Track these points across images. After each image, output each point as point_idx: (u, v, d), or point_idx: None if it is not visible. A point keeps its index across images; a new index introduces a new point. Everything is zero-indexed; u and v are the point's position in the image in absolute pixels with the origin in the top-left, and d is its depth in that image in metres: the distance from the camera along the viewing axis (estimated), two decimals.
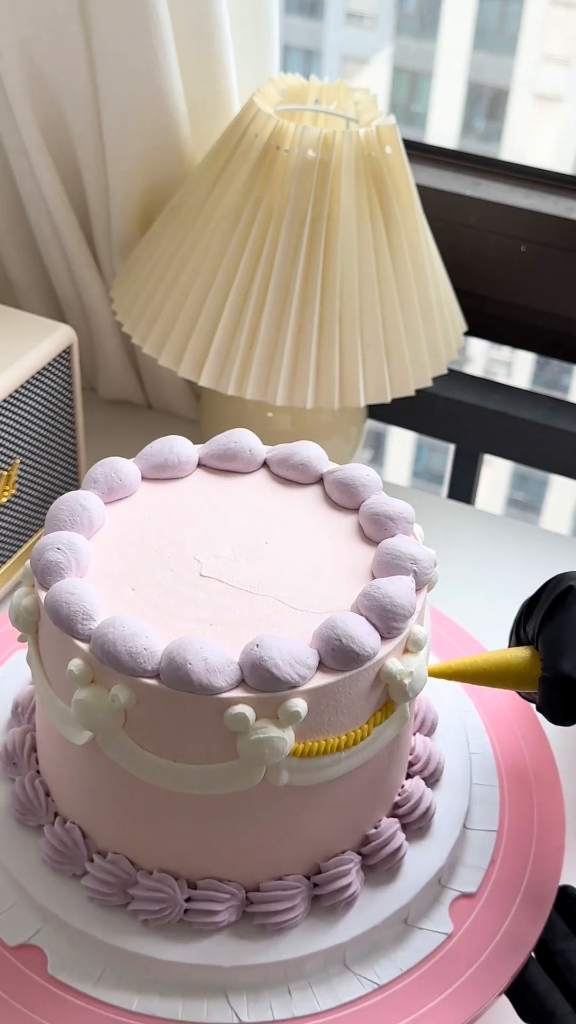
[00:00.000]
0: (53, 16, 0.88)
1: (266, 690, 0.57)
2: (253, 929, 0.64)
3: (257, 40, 0.96)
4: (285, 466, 0.70)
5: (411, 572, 0.62)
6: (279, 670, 0.57)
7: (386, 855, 0.66)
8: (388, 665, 0.60)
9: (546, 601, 0.64)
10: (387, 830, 0.66)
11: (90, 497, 0.66)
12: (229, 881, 0.63)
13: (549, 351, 1.11)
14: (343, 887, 0.64)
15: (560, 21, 2.82)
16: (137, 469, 0.69)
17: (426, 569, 0.63)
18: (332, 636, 0.58)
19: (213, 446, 0.71)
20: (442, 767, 0.71)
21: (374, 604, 0.60)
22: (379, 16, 3.12)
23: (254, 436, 0.72)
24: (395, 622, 0.60)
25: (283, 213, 0.85)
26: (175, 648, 0.57)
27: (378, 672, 0.60)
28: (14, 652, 0.78)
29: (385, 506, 0.67)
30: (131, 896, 0.64)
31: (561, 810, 0.72)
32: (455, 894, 0.67)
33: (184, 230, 0.90)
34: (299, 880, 0.64)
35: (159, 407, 1.14)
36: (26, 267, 1.07)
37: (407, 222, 0.88)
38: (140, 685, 0.57)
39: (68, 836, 0.65)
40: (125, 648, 0.57)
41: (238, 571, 0.64)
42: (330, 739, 0.60)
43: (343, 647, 0.58)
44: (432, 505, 1.07)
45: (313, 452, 0.71)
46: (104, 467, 0.68)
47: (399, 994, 0.63)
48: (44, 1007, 0.62)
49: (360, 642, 0.59)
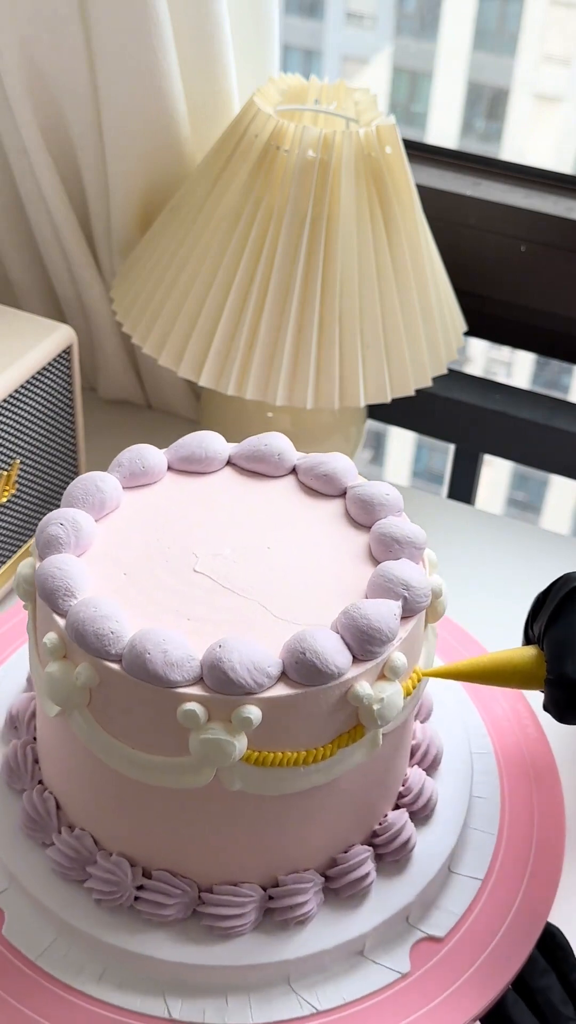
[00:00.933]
0: (53, 16, 0.88)
1: (221, 691, 0.57)
2: (275, 926, 0.64)
3: (257, 40, 0.96)
4: (311, 475, 0.70)
5: (400, 597, 0.61)
6: (235, 673, 0.56)
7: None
8: (357, 688, 0.59)
9: (552, 602, 0.64)
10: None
11: (108, 479, 0.67)
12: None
13: (549, 351, 1.11)
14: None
15: (560, 21, 2.82)
16: (164, 459, 0.70)
17: (418, 596, 0.62)
18: (298, 649, 0.58)
19: (245, 446, 0.71)
20: (441, 754, 0.72)
21: (351, 624, 0.59)
22: (379, 16, 3.12)
23: (287, 441, 0.71)
24: (371, 645, 0.59)
25: (283, 213, 0.85)
26: (138, 636, 0.58)
27: (345, 693, 0.59)
28: (12, 654, 0.78)
29: (394, 528, 0.65)
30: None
31: (561, 810, 0.72)
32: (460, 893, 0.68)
33: (184, 230, 0.90)
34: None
35: (159, 407, 1.14)
36: (26, 267, 1.07)
37: (407, 222, 0.88)
38: (103, 667, 0.58)
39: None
40: (93, 629, 0.58)
41: (231, 572, 0.64)
42: (287, 753, 0.59)
43: (306, 661, 0.57)
44: (432, 505, 1.07)
45: (341, 464, 0.70)
46: (131, 453, 0.69)
47: (401, 992, 0.63)
48: (43, 1005, 0.62)
49: (325, 659, 0.57)
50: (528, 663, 0.64)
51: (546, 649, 0.63)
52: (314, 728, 0.59)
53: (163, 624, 0.60)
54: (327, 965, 0.64)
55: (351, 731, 0.60)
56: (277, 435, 0.72)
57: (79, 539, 0.64)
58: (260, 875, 0.64)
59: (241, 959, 0.63)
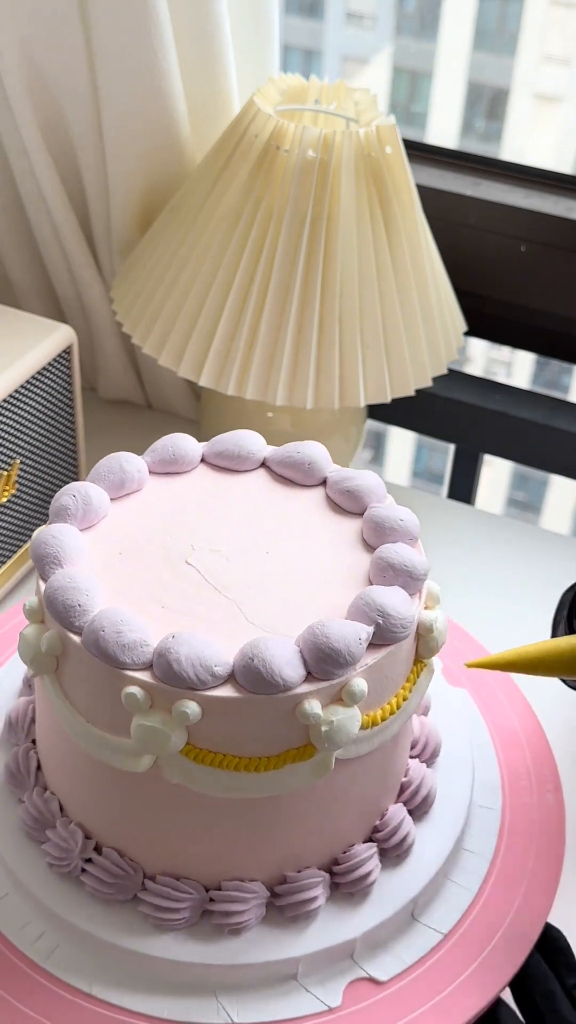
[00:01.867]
0: (53, 16, 0.88)
1: (166, 682, 0.57)
2: (279, 922, 0.64)
3: (257, 40, 0.96)
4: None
5: (374, 624, 0.59)
6: (179, 665, 0.57)
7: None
8: (305, 705, 0.57)
9: None
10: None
11: (133, 460, 0.69)
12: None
13: (549, 351, 1.11)
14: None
15: (560, 21, 2.82)
16: (200, 451, 0.71)
17: (394, 626, 0.60)
18: (248, 654, 0.57)
19: (281, 452, 0.71)
20: (439, 747, 0.72)
21: (311, 640, 0.58)
22: (379, 16, 3.12)
23: (323, 451, 0.71)
24: (327, 665, 0.58)
25: (283, 213, 0.85)
26: (100, 614, 0.59)
27: (294, 708, 0.58)
28: (12, 655, 0.78)
29: (392, 554, 0.63)
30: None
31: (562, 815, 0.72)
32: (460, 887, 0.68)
33: (184, 230, 0.90)
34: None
35: (159, 407, 1.14)
36: (26, 267, 1.07)
37: (407, 222, 0.88)
38: (67, 638, 0.60)
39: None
40: (63, 599, 0.60)
41: (221, 570, 0.64)
42: (229, 756, 0.58)
43: (253, 667, 0.57)
44: (432, 505, 1.07)
45: (367, 481, 0.68)
46: (166, 440, 0.71)
47: (405, 990, 0.64)
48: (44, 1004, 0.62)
49: (271, 668, 0.57)
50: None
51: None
52: (260, 737, 0.58)
53: (136, 608, 0.60)
54: (331, 961, 0.64)
55: (301, 748, 0.59)
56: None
57: (87, 512, 0.65)
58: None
59: (247, 957, 0.63)
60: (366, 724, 0.60)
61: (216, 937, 0.64)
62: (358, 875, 0.65)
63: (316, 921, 0.64)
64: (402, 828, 0.67)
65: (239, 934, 0.63)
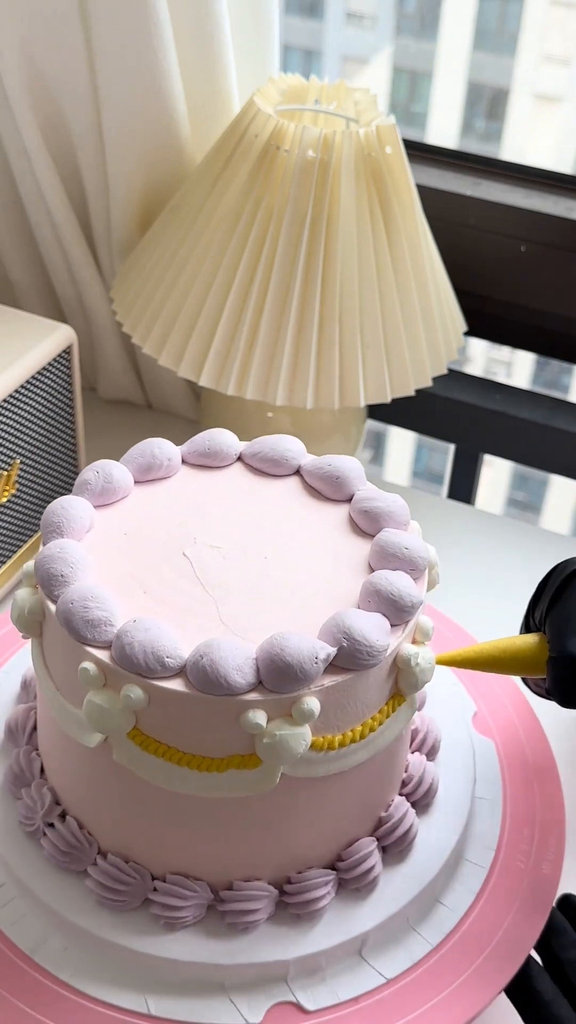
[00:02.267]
0: (53, 16, 0.88)
1: (118, 663, 0.58)
2: (285, 921, 0.64)
3: (257, 40, 0.96)
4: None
5: (338, 645, 0.58)
6: (131, 650, 0.57)
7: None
8: (249, 714, 0.57)
9: (553, 585, 0.65)
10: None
11: (166, 446, 0.69)
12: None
13: (549, 351, 1.11)
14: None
15: (560, 21, 2.82)
16: (238, 449, 0.71)
17: (359, 653, 0.58)
18: (200, 652, 0.57)
19: (317, 462, 0.70)
20: (439, 741, 0.72)
21: (266, 650, 0.57)
22: (379, 16, 3.12)
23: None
24: (278, 677, 0.56)
25: (283, 213, 0.85)
26: (73, 588, 0.60)
27: (239, 715, 0.57)
28: (12, 656, 0.78)
29: (382, 580, 0.61)
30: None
31: (561, 805, 0.72)
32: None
33: (184, 230, 0.90)
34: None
35: (159, 407, 1.14)
36: (26, 267, 1.07)
37: (407, 222, 0.88)
38: (47, 605, 0.61)
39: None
40: (47, 567, 0.61)
41: (214, 565, 0.63)
42: (172, 749, 0.58)
43: (200, 665, 0.56)
44: (432, 505, 1.07)
45: (395, 505, 0.67)
46: (204, 434, 0.71)
47: (408, 987, 0.63)
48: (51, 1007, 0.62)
49: (217, 669, 0.56)
50: (531, 647, 0.64)
51: (548, 629, 0.63)
52: (205, 737, 0.58)
53: (117, 589, 0.61)
54: (335, 959, 0.64)
55: (246, 757, 0.58)
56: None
57: (106, 490, 0.66)
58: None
59: (252, 956, 0.63)
60: (319, 746, 0.59)
61: (227, 935, 0.63)
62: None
63: (321, 919, 0.64)
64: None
65: (249, 932, 0.63)
